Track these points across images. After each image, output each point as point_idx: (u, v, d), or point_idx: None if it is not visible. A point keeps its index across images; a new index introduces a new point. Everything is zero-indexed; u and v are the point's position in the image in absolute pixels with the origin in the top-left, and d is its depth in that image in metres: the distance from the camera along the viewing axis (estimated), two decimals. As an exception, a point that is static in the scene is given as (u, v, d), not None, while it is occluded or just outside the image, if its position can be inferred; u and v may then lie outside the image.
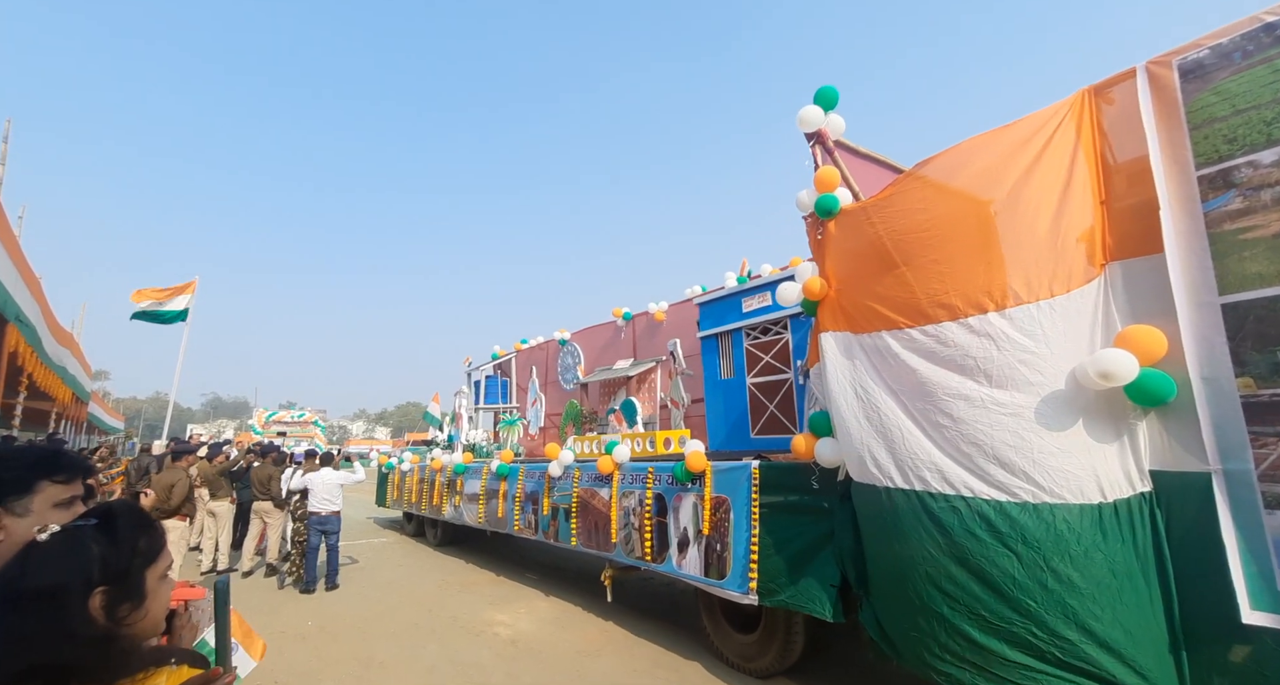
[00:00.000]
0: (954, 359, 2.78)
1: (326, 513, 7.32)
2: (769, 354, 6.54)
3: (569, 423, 10.24)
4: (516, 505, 7.01)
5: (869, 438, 3.10)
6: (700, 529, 4.44)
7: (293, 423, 30.97)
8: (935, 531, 2.71)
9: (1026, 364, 2.61)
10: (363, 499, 18.90)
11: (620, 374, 9.34)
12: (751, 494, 4.06)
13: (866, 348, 3.24)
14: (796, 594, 3.60)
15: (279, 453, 8.81)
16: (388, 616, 6.14)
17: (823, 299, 3.67)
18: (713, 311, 7.25)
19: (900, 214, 3.09)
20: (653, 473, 5.07)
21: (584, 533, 5.87)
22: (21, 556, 1.00)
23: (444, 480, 9.02)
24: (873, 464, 3.05)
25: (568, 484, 6.17)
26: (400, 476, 10.97)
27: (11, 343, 5.95)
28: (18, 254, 5.54)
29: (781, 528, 3.84)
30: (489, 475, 7.75)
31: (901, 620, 2.91)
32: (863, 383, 3.22)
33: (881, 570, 3.08)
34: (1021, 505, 2.53)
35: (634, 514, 5.21)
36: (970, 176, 2.83)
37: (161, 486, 6.63)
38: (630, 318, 10.11)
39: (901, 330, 3.02)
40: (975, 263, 2.76)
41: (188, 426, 53.23)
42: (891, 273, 3.08)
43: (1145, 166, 2.51)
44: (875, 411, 3.09)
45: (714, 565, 4.28)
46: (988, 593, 2.54)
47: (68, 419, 14.04)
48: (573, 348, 11.06)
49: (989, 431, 2.63)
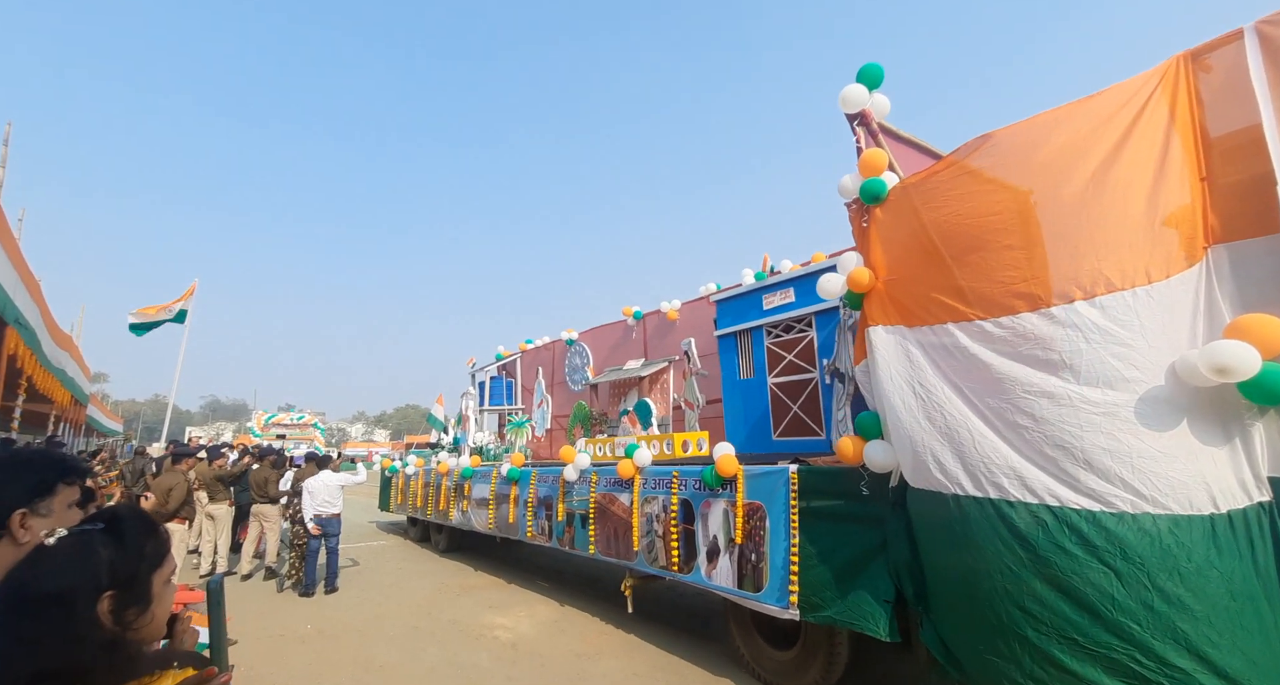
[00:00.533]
0: (1034, 353, 2.52)
1: (327, 515, 7.19)
2: (792, 352, 6.27)
3: (577, 424, 9.97)
4: (529, 511, 6.73)
5: (932, 440, 2.83)
6: (732, 537, 4.16)
7: (292, 425, 30.73)
8: (1015, 544, 2.44)
9: (1120, 357, 2.34)
10: (363, 502, 18.63)
11: (631, 374, 9.07)
12: (790, 500, 3.78)
13: (926, 342, 2.98)
14: (845, 609, 3.32)
15: (277, 455, 8.66)
16: (387, 619, 6.08)
17: (870, 291, 3.42)
18: (731, 309, 6.99)
19: (965, 197, 2.83)
20: (678, 477, 4.79)
21: (602, 540, 5.59)
22: (30, 561, 0.99)
23: (450, 484, 8.74)
24: (937, 469, 2.78)
25: (584, 489, 5.89)
26: (404, 480, 10.68)
27: (11, 345, 5.93)
28: (18, 257, 5.51)
29: (825, 537, 3.57)
30: (498, 479, 7.47)
31: (974, 641, 2.64)
32: (922, 380, 2.96)
33: (947, 586, 2.81)
34: (1119, 516, 2.26)
35: (657, 521, 4.93)
36: (1050, 153, 2.57)
37: (160, 490, 6.54)
38: (641, 316, 9.85)
39: (971, 322, 2.76)
40: (1059, 247, 2.50)
41: (186, 429, 52.82)
42: (958, 260, 2.82)
43: (1255, 138, 2.26)
44: (939, 412, 2.83)
45: (748, 576, 4.00)
46: (1081, 613, 2.27)
47: (66, 421, 13.97)
48: (581, 348, 10.79)
49: (1078, 433, 2.36)
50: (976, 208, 2.76)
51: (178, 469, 6.99)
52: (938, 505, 2.78)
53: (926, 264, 3.01)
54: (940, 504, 2.77)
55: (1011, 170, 2.67)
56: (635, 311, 9.84)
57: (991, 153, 2.76)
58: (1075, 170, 2.49)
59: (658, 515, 4.94)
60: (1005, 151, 2.73)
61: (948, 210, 2.89)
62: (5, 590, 0.97)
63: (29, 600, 0.95)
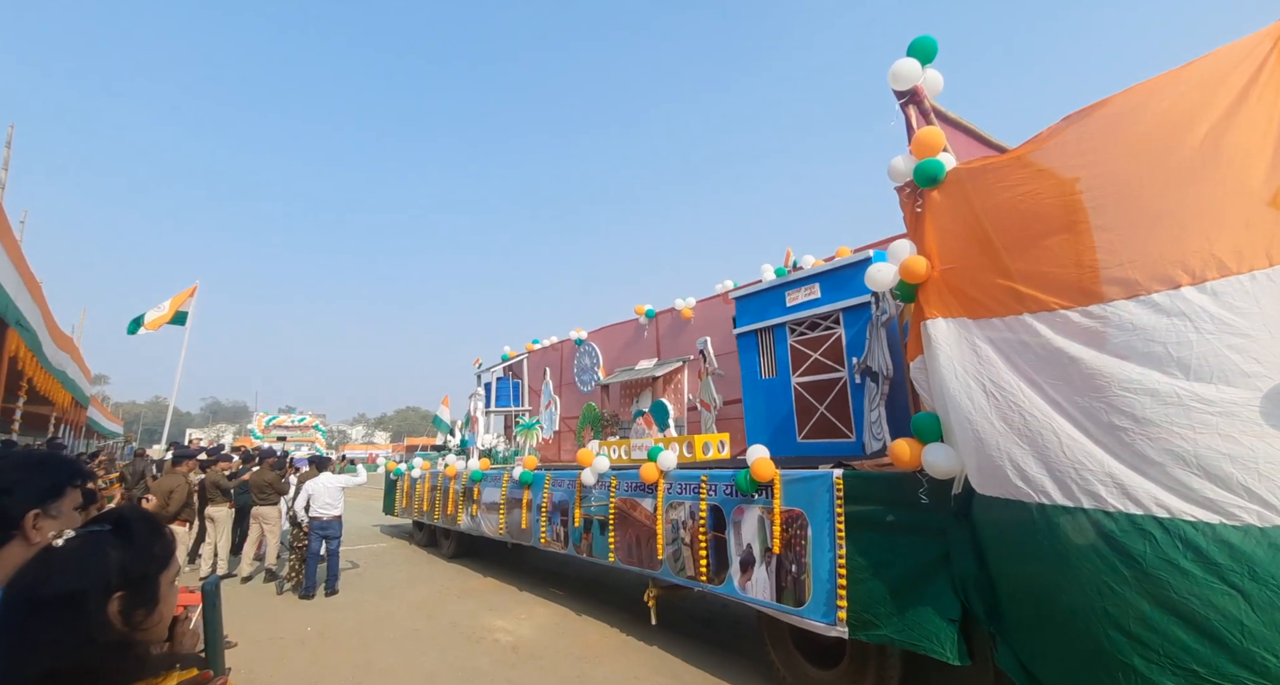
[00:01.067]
0: (1132, 345, 2.25)
1: (328, 517, 7.15)
2: (818, 351, 6.01)
3: (586, 426, 9.71)
4: (543, 516, 6.45)
5: (1009, 444, 2.56)
6: (769, 547, 3.89)
7: (293, 427, 30.63)
8: (1117, 560, 2.17)
9: (1238, 350, 2.07)
10: (366, 504, 18.38)
11: (644, 374, 8.81)
12: (835, 508, 3.51)
13: (997, 335, 2.71)
14: (904, 628, 3.04)
15: (277, 458, 8.65)
16: (387, 622, 6.04)
17: (925, 281, 3.15)
18: (751, 306, 6.73)
19: (1044, 174, 2.56)
20: (706, 482, 4.52)
21: (623, 548, 5.31)
22: (40, 562, 0.99)
23: (459, 488, 8.46)
24: (1016, 475, 2.51)
25: (603, 493, 5.61)
26: (410, 483, 10.39)
27: (12, 347, 5.93)
28: (19, 259, 5.50)
29: (877, 548, 3.29)
30: (510, 483, 7.20)
31: (1065, 668, 2.36)
32: (994, 377, 2.68)
33: (1028, 605, 2.53)
34: (1244, 529, 1.99)
35: (684, 528, 4.66)
36: (1151, 122, 2.30)
37: (161, 492, 6.52)
38: (654, 315, 9.58)
39: (1052, 312, 2.49)
40: (1160, 227, 2.23)
41: (187, 431, 52.63)
42: (1036, 244, 2.55)
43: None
44: (1016, 412, 2.55)
45: (788, 589, 3.73)
46: (1201, 641, 2.00)
47: (67, 423, 13.94)
48: (590, 348, 10.53)
49: (1190, 435, 2.09)
50: (1058, 185, 2.49)
51: (178, 471, 6.96)
52: (1017, 515, 2.51)
53: (995, 249, 2.75)
54: (1020, 514, 2.49)
55: (1102, 143, 2.41)
56: (648, 310, 9.58)
57: (1079, 126, 2.49)
58: (1182, 139, 2.22)
59: (684, 522, 4.66)
60: (1095, 124, 2.46)
61: (1023, 189, 2.62)
62: (15, 591, 0.96)
63: (40, 601, 0.94)
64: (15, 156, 10.62)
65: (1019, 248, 2.58)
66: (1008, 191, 2.63)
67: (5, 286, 4.95)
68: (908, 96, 3.43)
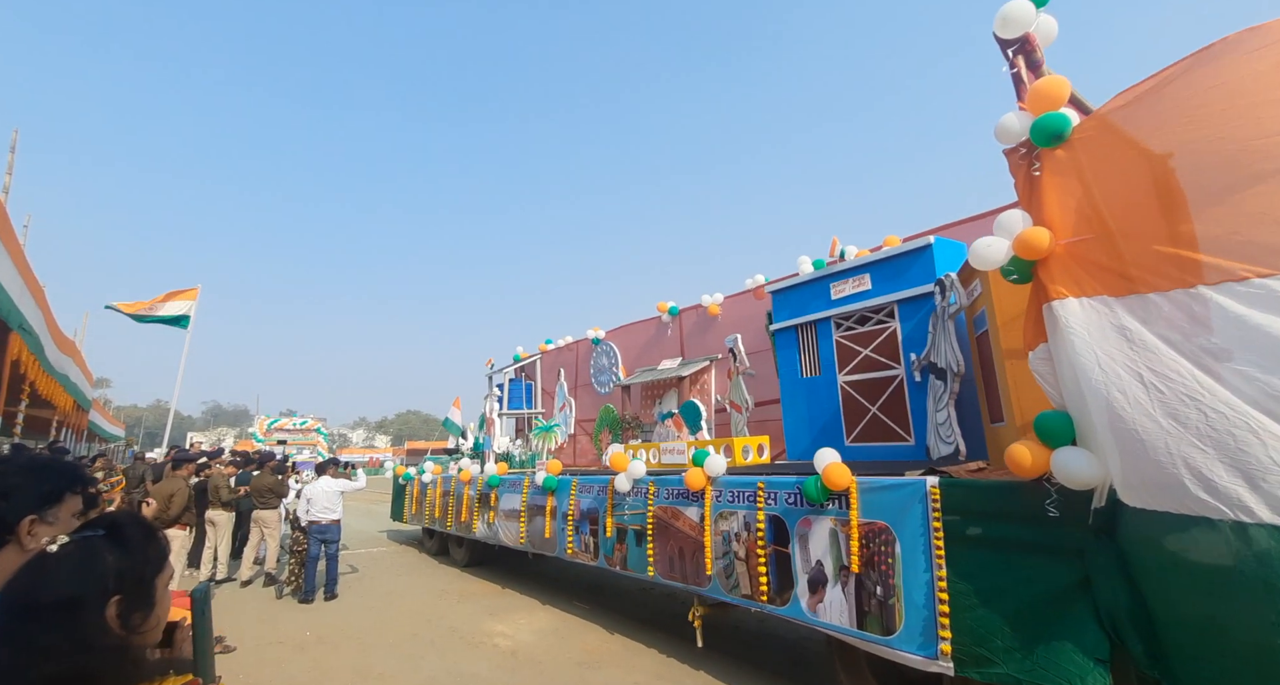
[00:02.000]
0: (1372, 322, 1.78)
1: (326, 521, 7.14)
2: (869, 347, 5.53)
3: (604, 429, 9.23)
4: (569, 525, 5.97)
5: (1185, 447, 2.08)
6: (845, 564, 3.41)
7: (294, 430, 30.28)
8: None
9: None
10: (370, 508, 17.92)
11: (668, 374, 8.33)
12: (930, 522, 3.02)
13: (1157, 314, 2.23)
14: (1032, 668, 2.55)
15: (277, 461, 8.59)
16: (386, 627, 6.01)
17: (1047, 256, 2.68)
18: (791, 300, 6.26)
19: (1228, 112, 2.10)
20: (763, 489, 4.04)
21: (663, 561, 4.83)
22: (35, 567, 0.98)
23: (474, 494, 7.98)
24: (1198, 486, 2.03)
25: (639, 501, 5.13)
26: (420, 489, 9.90)
27: (14, 351, 5.91)
28: (22, 263, 5.49)
29: (989, 571, 2.80)
30: (531, 488, 6.72)
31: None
32: (1154, 365, 2.21)
33: (1214, 645, 2.05)
34: None
35: (737, 540, 4.17)
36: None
37: (161, 495, 6.40)
38: (677, 312, 9.12)
39: (1242, 282, 2.02)
40: None
41: (188, 434, 52.22)
42: (1220, 200, 2.08)
43: None
44: (1193, 407, 2.08)
45: (871, 614, 3.24)
46: None
47: (68, 427, 13.79)
48: (608, 347, 10.06)
49: None
50: (1256, 121, 2.02)
51: (178, 475, 6.81)
52: (1199, 536, 2.03)
53: (1152, 210, 2.28)
54: (1204, 535, 2.01)
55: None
56: (671, 307, 9.11)
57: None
58: None
59: (737, 534, 4.18)
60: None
61: (1197, 133, 2.15)
62: (11, 597, 0.95)
63: (37, 607, 0.93)
64: (19, 160, 10.48)
65: (1208, 202, 2.11)
66: (1201, 128, 2.15)
67: (9, 291, 4.99)
68: (1018, 45, 2.96)
